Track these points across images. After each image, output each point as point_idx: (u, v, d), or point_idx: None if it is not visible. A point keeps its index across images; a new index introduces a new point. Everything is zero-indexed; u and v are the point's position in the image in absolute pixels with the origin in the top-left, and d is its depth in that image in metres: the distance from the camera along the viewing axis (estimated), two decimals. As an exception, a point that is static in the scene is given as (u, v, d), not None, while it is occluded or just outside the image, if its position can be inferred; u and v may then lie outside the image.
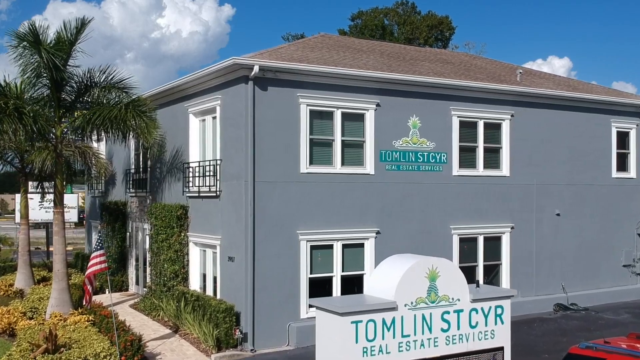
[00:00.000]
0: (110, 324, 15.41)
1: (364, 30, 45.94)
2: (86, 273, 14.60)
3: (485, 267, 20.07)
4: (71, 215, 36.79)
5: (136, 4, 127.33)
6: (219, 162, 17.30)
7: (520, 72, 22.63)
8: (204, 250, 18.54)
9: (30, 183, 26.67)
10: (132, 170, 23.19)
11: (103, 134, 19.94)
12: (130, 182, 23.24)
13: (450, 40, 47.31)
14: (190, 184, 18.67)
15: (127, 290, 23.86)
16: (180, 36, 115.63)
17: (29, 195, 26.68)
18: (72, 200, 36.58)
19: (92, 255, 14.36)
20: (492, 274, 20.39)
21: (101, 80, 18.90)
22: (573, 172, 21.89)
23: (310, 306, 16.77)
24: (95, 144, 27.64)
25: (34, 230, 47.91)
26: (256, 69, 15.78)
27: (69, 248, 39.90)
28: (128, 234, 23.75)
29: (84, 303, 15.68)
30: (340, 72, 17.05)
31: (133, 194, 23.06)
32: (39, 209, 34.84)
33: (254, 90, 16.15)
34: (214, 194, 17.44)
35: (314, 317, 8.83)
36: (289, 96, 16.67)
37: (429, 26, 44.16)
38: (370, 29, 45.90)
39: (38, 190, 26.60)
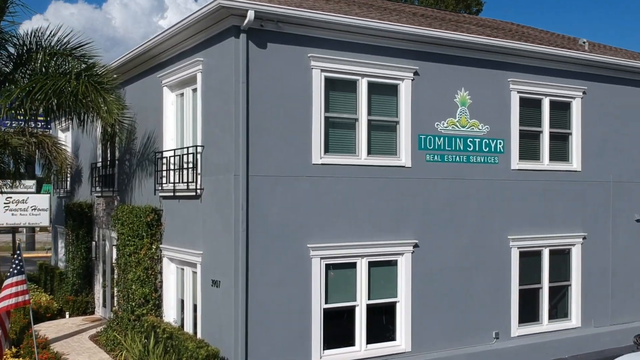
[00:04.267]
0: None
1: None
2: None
3: (550, 289, 15.47)
4: (42, 219, 32.31)
5: (138, 5, 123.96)
6: (199, 149, 12.64)
7: (584, 42, 18.03)
8: (182, 269, 13.90)
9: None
10: (99, 165, 18.54)
11: (52, 115, 15.45)
12: (96, 178, 18.59)
13: (477, 19, 42.29)
14: (164, 180, 14.03)
15: (92, 313, 19.16)
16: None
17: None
18: (43, 201, 31.97)
19: (5, 283, 9.71)
20: (556, 298, 15.77)
21: (51, 44, 14.45)
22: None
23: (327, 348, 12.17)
24: (61, 134, 23.30)
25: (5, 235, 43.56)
26: (251, 15, 11.14)
27: (48, 254, 35.25)
28: (94, 243, 19.11)
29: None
30: (367, 25, 12.40)
31: (99, 194, 18.40)
32: (4, 211, 30.52)
33: (248, 47, 11.52)
34: (194, 193, 12.78)
35: None
36: (297, 57, 12.03)
37: (456, -1, 39.50)
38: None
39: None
